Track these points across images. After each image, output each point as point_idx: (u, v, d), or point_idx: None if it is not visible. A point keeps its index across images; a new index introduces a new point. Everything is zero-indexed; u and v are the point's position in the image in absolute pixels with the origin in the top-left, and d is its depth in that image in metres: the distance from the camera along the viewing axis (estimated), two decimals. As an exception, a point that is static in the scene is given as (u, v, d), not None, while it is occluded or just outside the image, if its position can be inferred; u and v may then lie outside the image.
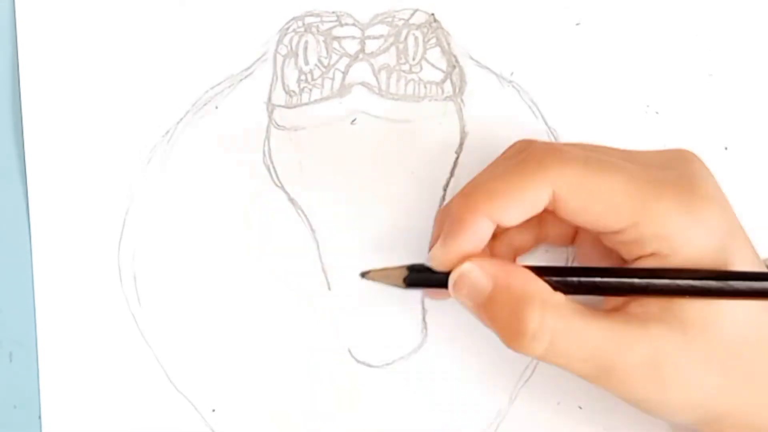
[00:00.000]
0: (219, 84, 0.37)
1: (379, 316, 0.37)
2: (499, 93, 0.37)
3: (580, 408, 0.36)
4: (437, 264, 0.30)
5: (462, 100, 0.37)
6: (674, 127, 0.36)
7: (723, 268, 0.28)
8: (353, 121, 0.37)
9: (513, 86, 0.37)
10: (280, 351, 0.37)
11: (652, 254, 0.28)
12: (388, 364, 0.37)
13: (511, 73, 0.37)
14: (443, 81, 0.37)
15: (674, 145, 0.36)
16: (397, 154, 0.37)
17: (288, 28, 0.37)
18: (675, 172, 0.29)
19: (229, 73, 0.37)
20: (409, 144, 0.37)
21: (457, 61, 0.37)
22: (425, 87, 0.37)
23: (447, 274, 0.30)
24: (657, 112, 0.37)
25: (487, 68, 0.37)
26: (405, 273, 0.30)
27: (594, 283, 0.29)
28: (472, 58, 0.37)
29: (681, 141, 0.36)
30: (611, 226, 0.28)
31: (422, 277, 0.30)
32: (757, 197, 0.36)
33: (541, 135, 0.37)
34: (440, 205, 0.37)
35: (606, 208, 0.28)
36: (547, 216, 0.30)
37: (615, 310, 0.29)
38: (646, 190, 0.28)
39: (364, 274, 0.31)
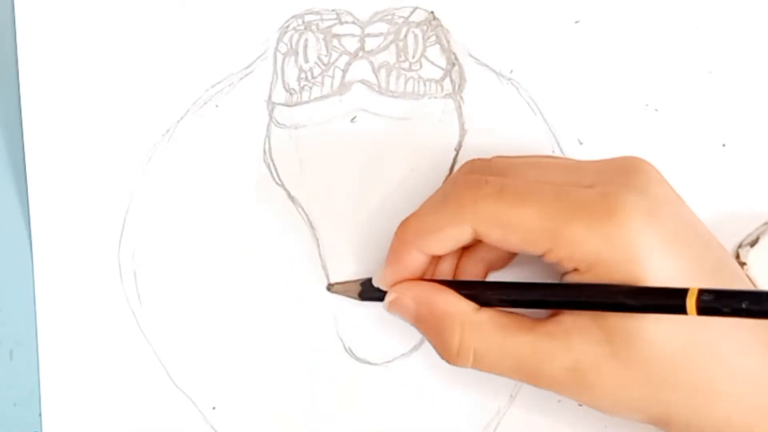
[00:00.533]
0: (219, 82, 0.37)
1: (379, 314, 0.37)
2: (499, 90, 0.37)
3: (580, 406, 0.36)
4: (381, 285, 0.33)
5: (461, 98, 0.37)
6: (673, 124, 0.37)
7: (635, 283, 0.29)
8: (353, 119, 0.37)
9: (512, 84, 0.37)
10: (280, 349, 0.37)
11: (574, 270, 0.30)
12: (388, 362, 0.37)
13: (511, 71, 0.37)
14: (443, 79, 0.37)
15: (673, 143, 0.36)
16: (396, 152, 0.37)
17: (288, 26, 0.37)
18: (597, 190, 0.30)
19: (229, 72, 0.37)
20: (408, 142, 0.37)
21: (456, 58, 0.37)
22: (425, 85, 0.37)
23: None
24: (656, 110, 0.37)
25: (487, 66, 0.37)
26: (359, 288, 0.35)
27: (516, 299, 0.31)
28: (471, 56, 0.37)
29: (679, 138, 0.36)
30: (532, 252, 0.30)
31: (373, 294, 0.34)
32: (755, 194, 0.36)
33: (540, 132, 0.37)
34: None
35: (521, 238, 0.30)
36: None
37: (548, 318, 0.31)
38: (556, 217, 0.29)
39: (328, 288, 0.36)
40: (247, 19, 0.37)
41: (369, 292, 0.34)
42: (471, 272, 0.34)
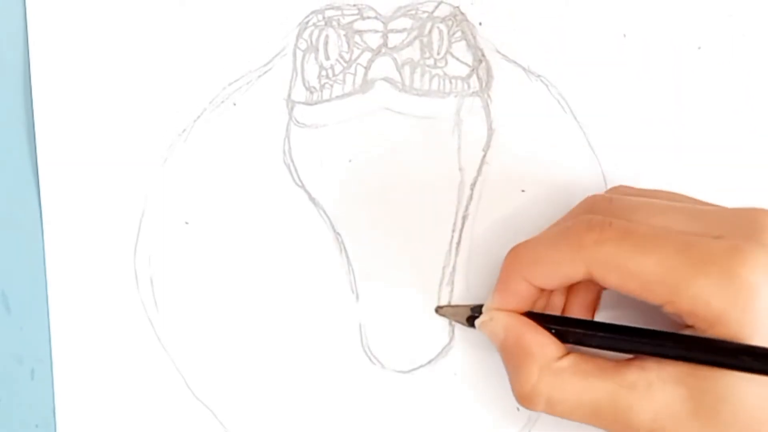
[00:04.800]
0: (237, 80, 0.36)
1: (405, 320, 0.36)
2: (527, 88, 0.36)
3: None
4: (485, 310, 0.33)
5: (489, 96, 0.35)
6: (705, 120, 0.35)
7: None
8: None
9: (541, 81, 0.36)
10: (303, 357, 0.36)
11: (689, 327, 0.29)
12: (414, 370, 0.36)
13: (539, 70, 0.36)
14: (469, 76, 0.36)
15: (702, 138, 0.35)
16: (421, 153, 0.36)
17: (308, 22, 0.36)
18: (725, 244, 0.28)
19: (247, 69, 0.36)
20: (434, 142, 0.35)
21: (483, 54, 0.36)
22: (450, 82, 0.35)
23: None
24: (688, 106, 0.35)
25: (515, 62, 0.36)
26: (469, 312, 0.34)
27: (616, 345, 0.30)
28: (498, 52, 0.36)
29: (707, 143, 0.35)
30: (649, 301, 0.29)
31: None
32: None
33: (570, 131, 0.35)
34: (467, 205, 0.35)
35: (641, 286, 0.29)
36: None
37: (630, 361, 0.30)
38: (681, 270, 0.28)
39: (437, 310, 0.36)
40: (266, 14, 0.36)
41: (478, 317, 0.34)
42: (579, 308, 0.34)
